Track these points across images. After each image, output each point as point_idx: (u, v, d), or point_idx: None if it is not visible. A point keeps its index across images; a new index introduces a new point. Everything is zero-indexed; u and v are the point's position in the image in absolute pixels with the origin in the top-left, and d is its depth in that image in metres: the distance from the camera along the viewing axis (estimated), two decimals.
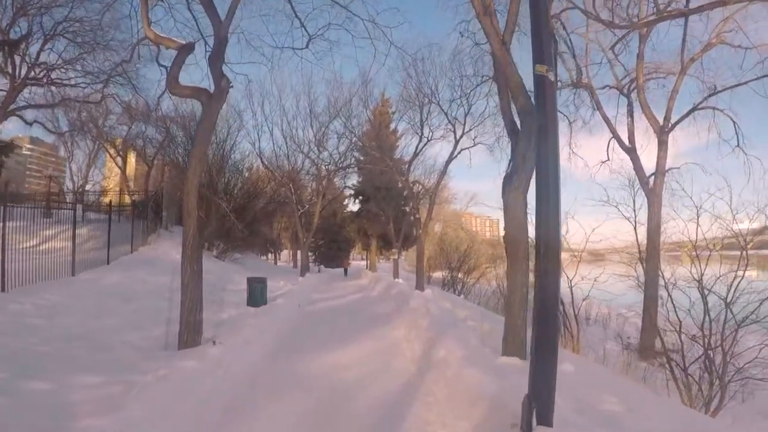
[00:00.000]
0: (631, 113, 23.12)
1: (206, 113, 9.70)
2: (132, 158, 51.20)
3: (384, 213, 38.34)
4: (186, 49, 10.11)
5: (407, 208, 41.86)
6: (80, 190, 46.24)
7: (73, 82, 29.79)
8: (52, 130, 38.29)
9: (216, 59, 9.66)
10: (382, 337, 11.87)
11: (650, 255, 20.47)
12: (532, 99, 8.81)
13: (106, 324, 10.87)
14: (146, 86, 34.98)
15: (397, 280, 29.54)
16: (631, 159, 22.48)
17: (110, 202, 24.45)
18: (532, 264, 6.34)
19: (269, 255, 64.88)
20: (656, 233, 20.97)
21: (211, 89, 9.76)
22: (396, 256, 37.31)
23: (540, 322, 4.38)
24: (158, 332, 10.46)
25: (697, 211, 12.57)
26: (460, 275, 33.34)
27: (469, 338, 9.39)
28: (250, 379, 8.00)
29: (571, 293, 14.54)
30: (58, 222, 18.72)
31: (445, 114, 24.16)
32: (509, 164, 9.27)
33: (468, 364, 7.34)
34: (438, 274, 40.49)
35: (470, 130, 23.90)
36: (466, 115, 23.66)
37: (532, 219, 9.17)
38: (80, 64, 28.36)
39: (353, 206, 50.68)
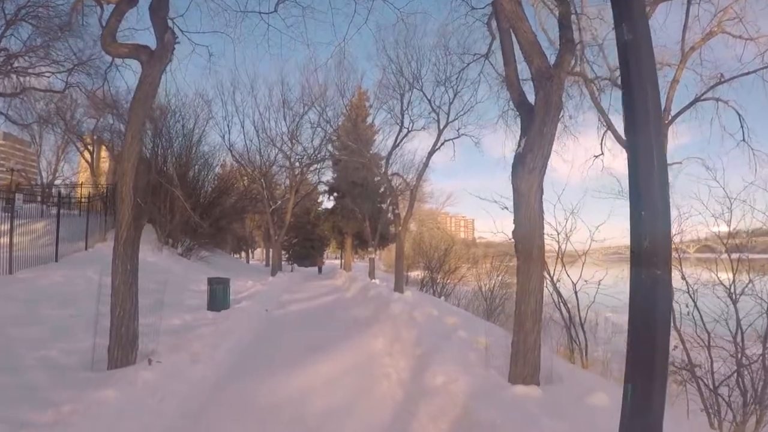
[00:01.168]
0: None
1: (146, 75, 7.86)
2: (104, 152, 48.92)
3: (360, 210, 36.59)
4: (126, 1, 8.25)
5: (384, 206, 40.32)
6: (49, 184, 44.02)
7: (37, 71, 27.72)
8: (16, 121, 35.98)
9: (159, 8, 7.83)
10: (359, 349, 10.11)
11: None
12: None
13: (29, 334, 9.01)
14: (113, 75, 32.82)
15: (373, 280, 27.81)
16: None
17: (59, 194, 22.38)
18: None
19: (241, 253, 63.04)
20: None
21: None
22: (372, 255, 35.55)
23: (642, 347, 2.62)
24: (90, 345, 8.58)
25: (731, 203, 10.91)
26: (439, 276, 31.57)
27: (467, 357, 7.67)
28: (189, 414, 6.15)
29: (577, 299, 12.92)
30: (18, 216, 16.94)
31: (429, 101, 22.42)
32: (520, 142, 7.55)
33: (476, 396, 5.65)
34: (414, 274, 38.83)
35: (455, 119, 22.24)
36: (450, 103, 21.98)
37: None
38: (44, 51, 26.22)
39: (328, 203, 48.87)
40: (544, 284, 8.35)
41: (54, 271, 14.35)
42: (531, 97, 7.70)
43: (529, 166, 7.15)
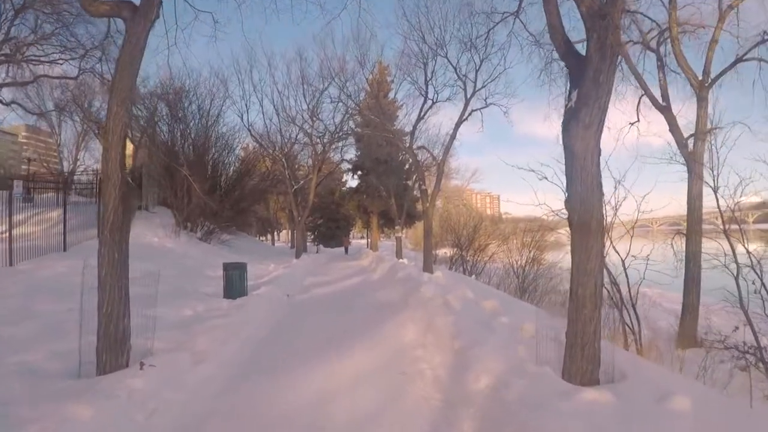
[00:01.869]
0: (662, 68, 20.11)
1: (130, 35, 6.74)
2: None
3: (385, 188, 35.40)
4: None
5: (409, 182, 39.14)
6: (69, 173, 43.60)
7: (50, 58, 26.94)
8: (32, 110, 35.43)
9: None
10: (387, 340, 9.01)
11: (691, 228, 17.84)
12: None
13: (18, 332, 8.09)
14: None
15: (401, 260, 26.70)
16: (666, 119, 19.40)
17: (63, 178, 21.64)
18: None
19: (267, 236, 62.46)
20: (698, 203, 18.20)
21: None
22: (399, 234, 34.39)
23: None
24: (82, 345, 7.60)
25: None
26: (469, 254, 30.33)
27: (514, 350, 6.51)
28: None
29: (627, 276, 11.68)
30: (35, 206, 17.09)
31: (454, 68, 20.87)
32: (570, 96, 6.30)
33: (534, 405, 4.51)
34: (442, 252, 37.46)
35: (483, 87, 20.74)
36: (477, 70, 20.48)
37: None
38: (56, 38, 25.57)
39: (352, 182, 47.72)
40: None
41: (58, 261, 13.51)
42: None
43: (584, 122, 5.91)
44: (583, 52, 6.31)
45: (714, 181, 12.56)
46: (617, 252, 11.84)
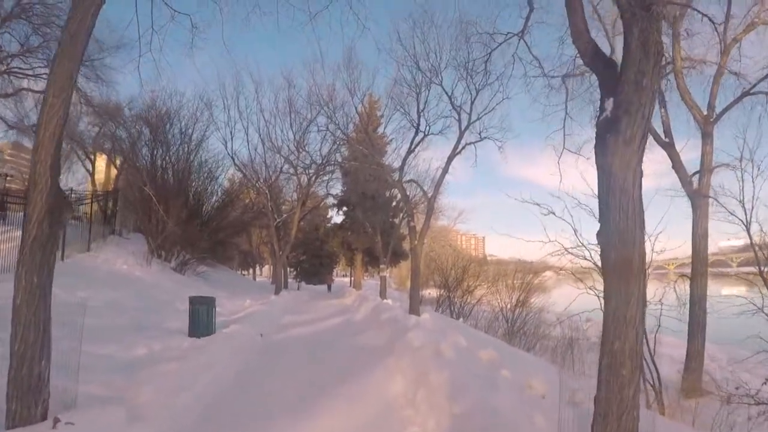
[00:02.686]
0: (663, 103, 19.35)
1: (75, 11, 5.61)
2: (102, 162, 47.07)
3: (371, 224, 34.15)
4: None
5: (396, 220, 38.04)
6: None
7: (35, 72, 25.77)
8: (12, 124, 34.19)
9: None
10: (371, 396, 7.66)
11: (697, 270, 17.01)
12: None
13: None
14: (115, 79, 31.03)
15: (385, 300, 25.33)
16: (669, 155, 18.69)
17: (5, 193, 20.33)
18: None
19: (249, 270, 60.87)
20: (703, 243, 17.43)
21: None
22: (384, 273, 33.05)
23: None
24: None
25: None
26: (457, 296, 29.02)
27: (531, 420, 5.25)
28: None
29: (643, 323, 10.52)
30: (7, 222, 15.49)
31: (449, 97, 19.93)
32: (603, 105, 5.17)
33: None
34: (427, 293, 35.94)
35: (478, 118, 19.75)
36: (472, 102, 19.56)
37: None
38: (42, 52, 24.57)
39: (337, 218, 46.45)
40: None
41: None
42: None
43: (624, 135, 4.78)
44: None
45: (746, 216, 11.68)
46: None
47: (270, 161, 33.04)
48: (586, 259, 12.46)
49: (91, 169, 43.38)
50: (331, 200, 42.26)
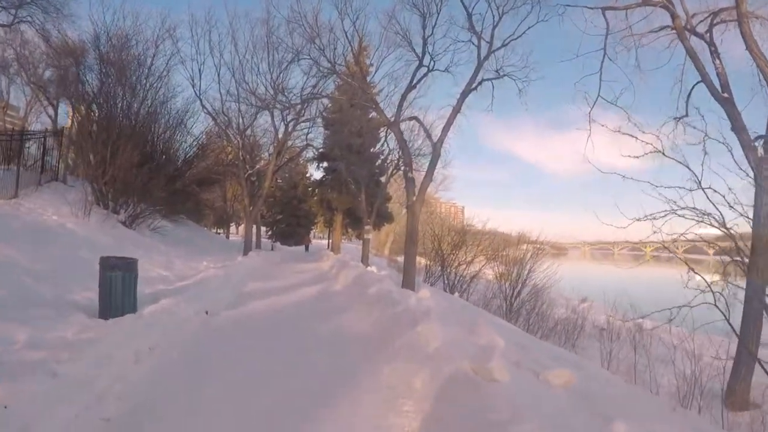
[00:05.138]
0: (717, 53, 15.72)
1: None
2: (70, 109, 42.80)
3: (355, 180, 30.44)
4: None
5: (382, 179, 34.32)
6: None
7: None
8: None
9: None
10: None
11: (757, 253, 13.19)
12: None
13: None
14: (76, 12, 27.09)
15: (369, 268, 21.87)
16: (727, 114, 14.99)
17: None
18: None
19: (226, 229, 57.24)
20: (766, 219, 13.68)
21: None
22: (368, 235, 29.50)
23: None
24: None
25: None
26: (452, 267, 25.44)
27: None
28: None
29: None
30: None
31: (468, 15, 15.88)
32: None
33: None
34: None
35: (503, 45, 15.94)
36: (494, 27, 15.73)
37: None
38: None
39: (317, 173, 42.53)
40: None
41: None
42: None
43: None
44: None
45: None
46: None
47: (245, 108, 29.48)
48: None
49: (53, 115, 39.04)
50: (311, 153, 38.16)
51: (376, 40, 23.48)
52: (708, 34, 15.94)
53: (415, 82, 17.75)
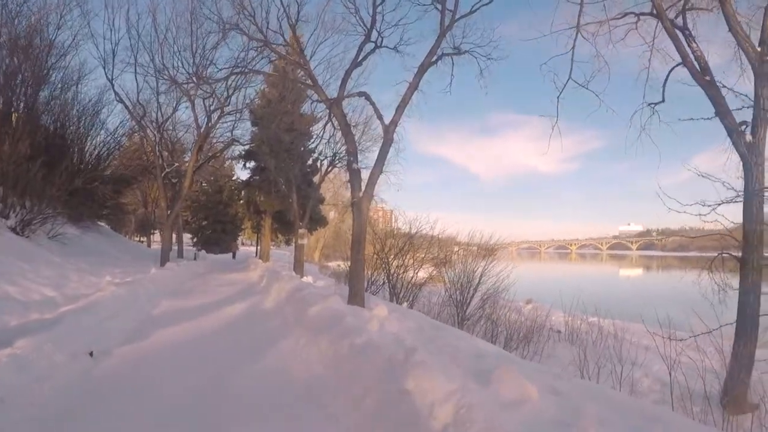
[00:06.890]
0: (692, 37, 14.40)
1: None
2: None
3: (285, 180, 27.72)
4: None
5: (315, 179, 31.77)
6: None
7: None
8: None
9: None
10: None
11: (751, 246, 12.37)
12: None
13: None
14: None
15: (305, 278, 19.26)
16: (710, 99, 13.57)
17: None
18: None
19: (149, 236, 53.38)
20: (760, 216, 12.71)
21: None
22: (303, 240, 26.63)
23: None
24: None
25: None
26: (398, 275, 23.05)
27: None
28: None
29: None
30: None
31: None
32: None
33: None
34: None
35: (472, 11, 13.64)
36: None
37: None
38: None
39: (242, 173, 39.63)
40: None
41: None
42: None
43: None
44: None
45: None
46: None
47: (163, 99, 26.75)
48: None
49: None
50: (237, 151, 34.99)
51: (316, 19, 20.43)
52: (680, 18, 14.77)
53: (360, 58, 15.09)
